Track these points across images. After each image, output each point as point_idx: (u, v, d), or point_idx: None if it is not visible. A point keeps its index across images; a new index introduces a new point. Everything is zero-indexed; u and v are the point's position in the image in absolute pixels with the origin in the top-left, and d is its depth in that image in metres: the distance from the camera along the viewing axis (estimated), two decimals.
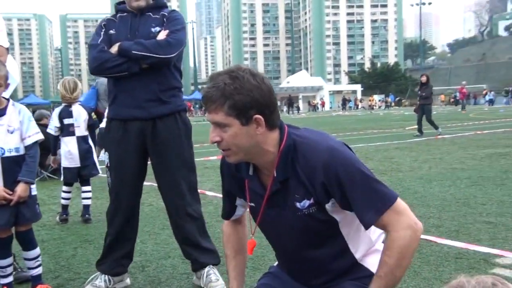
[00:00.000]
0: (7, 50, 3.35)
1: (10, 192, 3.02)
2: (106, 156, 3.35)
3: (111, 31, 3.22)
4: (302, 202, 1.75)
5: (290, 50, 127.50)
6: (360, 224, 1.73)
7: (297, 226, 1.80)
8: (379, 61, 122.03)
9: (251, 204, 1.89)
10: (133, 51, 3.07)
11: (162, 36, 3.15)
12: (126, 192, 3.28)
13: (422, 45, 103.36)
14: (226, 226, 2.13)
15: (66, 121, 5.46)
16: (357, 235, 1.85)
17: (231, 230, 2.11)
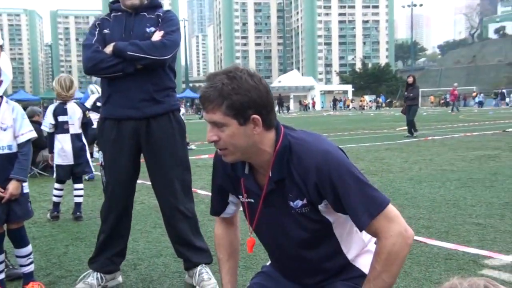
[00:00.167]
0: (1, 47, 3.34)
1: (2, 189, 3.01)
2: (101, 155, 3.35)
3: (105, 31, 3.22)
4: (296, 201, 1.77)
5: (281, 49, 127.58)
6: (352, 225, 1.75)
7: (291, 225, 1.82)
8: (370, 61, 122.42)
9: (248, 200, 1.90)
10: (128, 52, 3.07)
11: (157, 37, 3.15)
12: (120, 190, 3.28)
13: (413, 46, 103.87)
14: (218, 229, 2.12)
15: (61, 118, 5.45)
16: (350, 236, 1.87)
17: (223, 232, 2.10)
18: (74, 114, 5.52)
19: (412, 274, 3.32)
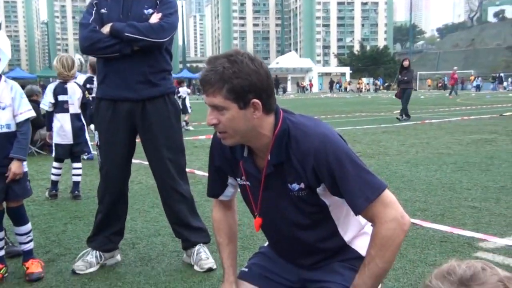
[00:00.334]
0: None
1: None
2: (96, 135, 3.36)
3: (103, 10, 3.19)
4: (293, 185, 1.79)
5: (280, 30, 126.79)
6: (349, 208, 1.77)
7: (288, 208, 1.84)
8: (369, 44, 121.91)
9: (247, 182, 1.91)
10: (125, 33, 3.06)
11: (155, 19, 3.14)
12: (116, 171, 3.30)
13: (412, 29, 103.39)
14: (217, 213, 2.12)
15: (61, 97, 5.45)
16: (347, 219, 1.89)
17: (222, 216, 2.10)
18: (74, 94, 5.52)
19: (407, 256, 3.36)
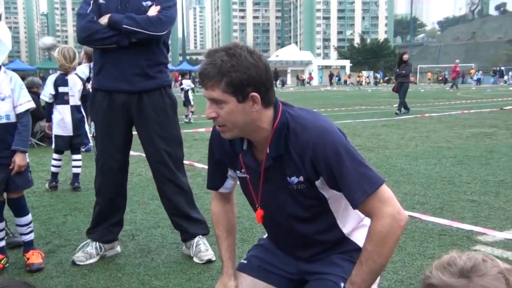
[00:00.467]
0: None
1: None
2: (93, 126, 3.36)
3: (101, 1, 3.18)
4: (292, 178, 1.79)
5: (280, 23, 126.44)
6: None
7: (287, 201, 1.85)
8: (369, 37, 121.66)
9: (246, 175, 1.91)
10: (124, 25, 3.05)
11: (153, 12, 3.13)
12: (112, 162, 3.30)
13: (412, 22, 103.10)
14: (216, 206, 2.12)
15: (61, 89, 5.45)
16: (345, 212, 1.90)
17: (221, 210, 2.10)
18: (75, 86, 5.52)
19: (406, 249, 3.38)
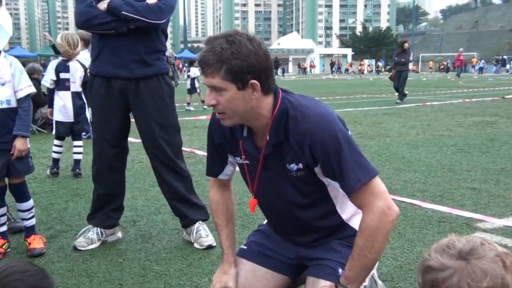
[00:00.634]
0: (0, 1, 3.31)
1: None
2: (90, 112, 3.35)
3: None
4: (292, 165, 1.80)
5: (281, 11, 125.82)
6: None
7: (287, 188, 1.85)
8: (371, 25, 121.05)
9: (246, 161, 1.92)
10: (123, 12, 3.05)
11: None
12: (108, 148, 3.30)
13: (415, 10, 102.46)
14: (214, 194, 2.12)
15: (63, 75, 5.45)
16: (345, 198, 1.90)
17: (220, 197, 2.11)
18: (76, 72, 5.51)
19: (406, 236, 3.39)
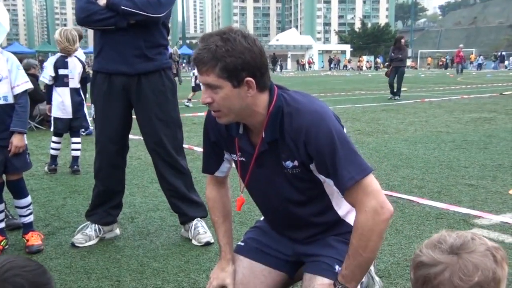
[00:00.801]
0: None
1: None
2: (93, 108, 3.36)
3: None
4: (287, 162, 1.80)
5: (280, 7, 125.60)
6: None
7: (283, 184, 1.86)
8: (370, 21, 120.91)
9: (242, 158, 1.92)
10: (122, 7, 3.04)
11: None
12: (110, 145, 3.30)
13: (414, 6, 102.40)
14: (211, 192, 2.12)
15: (61, 71, 5.44)
16: (341, 194, 1.91)
17: (216, 195, 2.12)
18: (75, 69, 5.50)
19: (403, 232, 3.40)
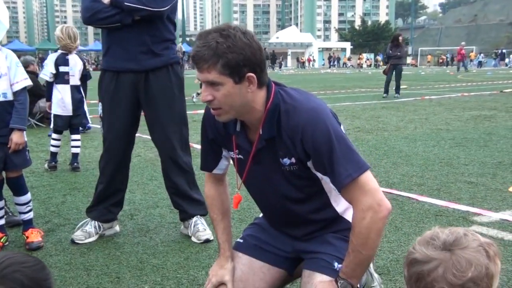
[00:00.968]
0: None
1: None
2: (100, 106, 3.36)
3: None
4: (284, 159, 1.80)
5: (280, 4, 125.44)
6: None
7: (280, 182, 1.85)
8: (370, 19, 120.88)
9: (239, 156, 1.92)
10: (125, 3, 3.04)
11: None
12: (118, 142, 3.31)
13: (414, 4, 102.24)
14: (210, 189, 2.12)
15: (62, 68, 5.44)
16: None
17: (215, 192, 2.12)
18: (75, 66, 5.51)
19: (402, 229, 3.41)
